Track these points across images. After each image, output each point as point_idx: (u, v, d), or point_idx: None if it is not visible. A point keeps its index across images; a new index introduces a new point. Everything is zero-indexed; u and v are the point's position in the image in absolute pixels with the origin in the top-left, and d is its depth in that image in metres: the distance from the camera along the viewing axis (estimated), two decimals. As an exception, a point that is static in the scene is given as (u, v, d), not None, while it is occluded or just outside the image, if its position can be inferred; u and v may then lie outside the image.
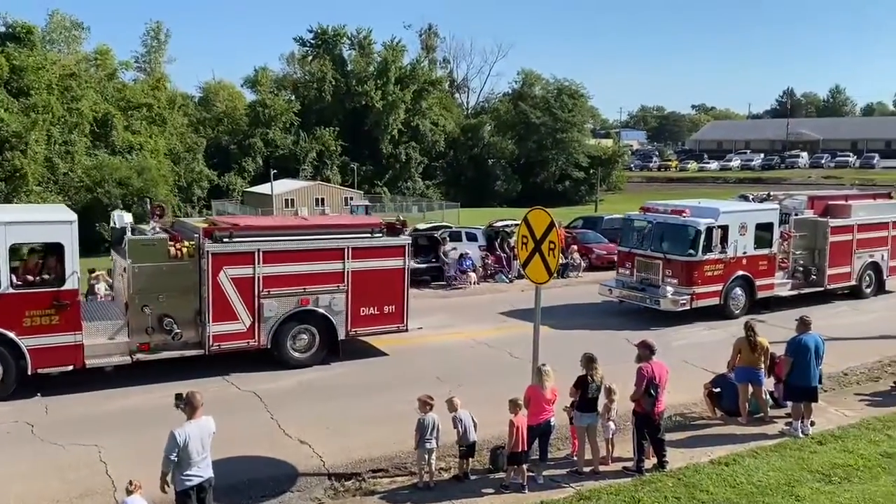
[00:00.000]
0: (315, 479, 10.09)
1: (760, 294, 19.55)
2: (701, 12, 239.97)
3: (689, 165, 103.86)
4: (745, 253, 18.98)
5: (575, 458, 10.21)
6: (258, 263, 13.92)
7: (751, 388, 11.82)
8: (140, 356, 13.27)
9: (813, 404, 11.43)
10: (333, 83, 76.30)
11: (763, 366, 11.81)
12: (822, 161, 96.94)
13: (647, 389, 9.72)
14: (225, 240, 13.76)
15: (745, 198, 22.41)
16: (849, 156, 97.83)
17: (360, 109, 75.59)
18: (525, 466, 9.50)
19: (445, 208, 59.24)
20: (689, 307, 18.27)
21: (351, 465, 10.43)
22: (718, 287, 18.69)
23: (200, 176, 64.76)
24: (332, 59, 79.10)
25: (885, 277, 22.21)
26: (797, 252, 20.63)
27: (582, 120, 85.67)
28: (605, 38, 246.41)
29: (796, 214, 20.69)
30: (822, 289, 20.79)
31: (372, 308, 15.11)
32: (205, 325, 13.66)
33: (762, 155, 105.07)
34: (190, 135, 66.09)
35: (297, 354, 14.63)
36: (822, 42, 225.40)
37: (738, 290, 19.12)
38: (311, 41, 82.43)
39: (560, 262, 20.24)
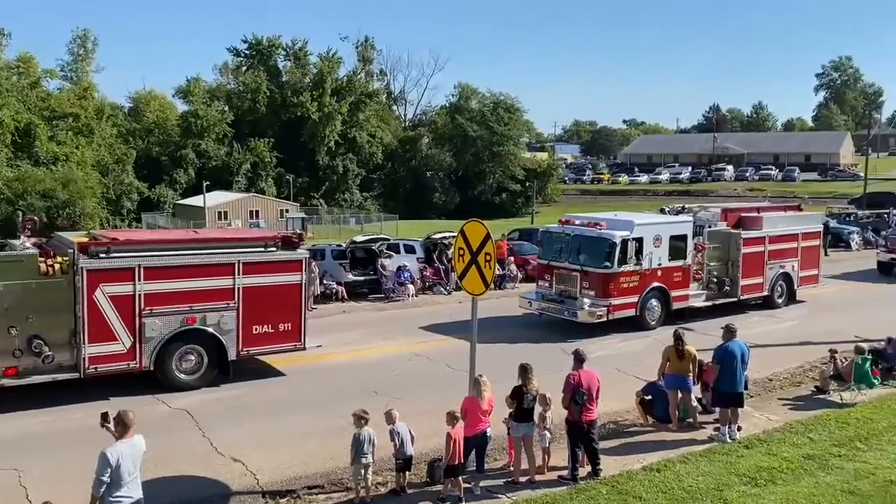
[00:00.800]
0: (249, 497, 9.88)
1: (676, 305, 19.71)
2: (631, 31, 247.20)
3: (620, 178, 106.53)
4: (660, 265, 19.14)
5: (511, 469, 10.28)
6: (139, 280, 13.11)
7: (680, 395, 12.15)
8: (5, 381, 12.33)
9: (739, 409, 11.81)
10: (268, 94, 75.45)
11: (691, 373, 12.15)
12: (747, 174, 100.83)
13: (574, 397, 9.89)
14: (102, 255, 12.92)
15: (663, 210, 22.91)
16: (771, 169, 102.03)
17: (296, 121, 74.93)
18: (462, 479, 9.52)
19: (384, 220, 59.17)
20: (605, 319, 18.37)
21: (286, 482, 10.25)
22: (634, 299, 18.80)
23: (130, 188, 63.01)
24: (266, 69, 78.29)
25: (795, 287, 22.62)
26: (711, 263, 20.80)
27: (518, 133, 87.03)
28: (539, 54, 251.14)
29: (710, 226, 20.93)
30: (735, 299, 21.07)
31: (265, 326, 14.40)
32: (80, 346, 12.79)
33: (690, 168, 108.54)
34: (119, 146, 64.23)
35: (183, 376, 13.84)
36: (746, 60, 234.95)
37: (654, 302, 19.25)
38: (246, 52, 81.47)
39: (497, 273, 20.53)
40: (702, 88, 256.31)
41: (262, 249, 14.50)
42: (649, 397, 12.35)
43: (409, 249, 26.25)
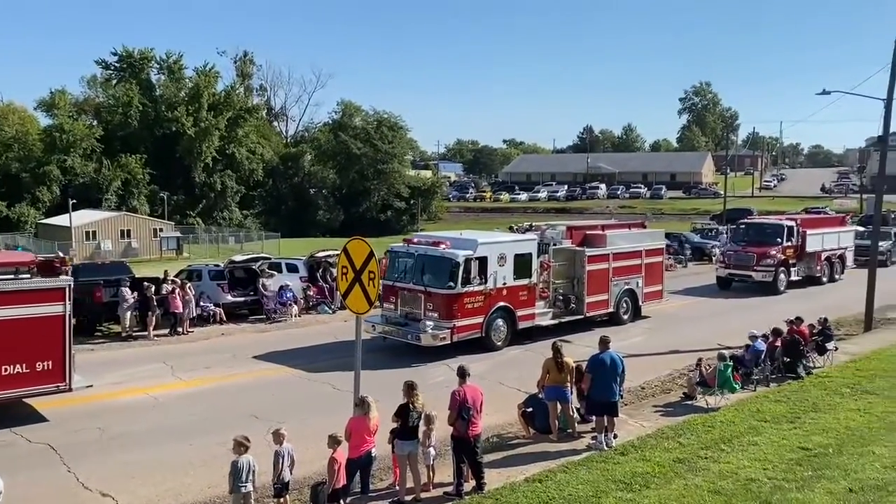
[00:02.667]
0: (119, 534, 9.30)
1: (522, 324, 19.35)
2: (509, 54, 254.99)
3: (502, 196, 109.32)
4: (505, 284, 18.76)
5: (397, 488, 10.23)
6: None
7: (560, 406, 12.52)
8: None
9: (615, 418, 12.31)
10: (140, 108, 72.23)
11: (570, 384, 12.56)
12: (618, 192, 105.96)
13: (460, 413, 10.01)
14: None
15: (512, 228, 22.91)
16: (640, 187, 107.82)
17: (171, 136, 72.07)
18: (347, 501, 9.37)
19: (265, 239, 57.67)
20: (449, 341, 17.72)
21: (160, 515, 9.74)
22: (479, 319, 18.30)
23: (-16, 207, 58.33)
24: (138, 83, 74.90)
25: (640, 303, 22.75)
26: (557, 281, 20.63)
27: (402, 151, 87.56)
28: (421, 74, 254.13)
29: (555, 244, 20.62)
30: (581, 316, 20.97)
31: (17, 366, 12.41)
32: None
33: (566, 186, 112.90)
34: (-27, 161, 59.42)
35: None
36: (617, 84, 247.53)
37: (500, 322, 18.81)
38: (116, 64, 77.72)
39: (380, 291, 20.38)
40: (576, 110, 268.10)
41: (12, 276, 12.71)
42: (530, 409, 12.65)
43: (292, 268, 25.76)
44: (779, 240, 29.11)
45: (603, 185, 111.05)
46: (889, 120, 22.06)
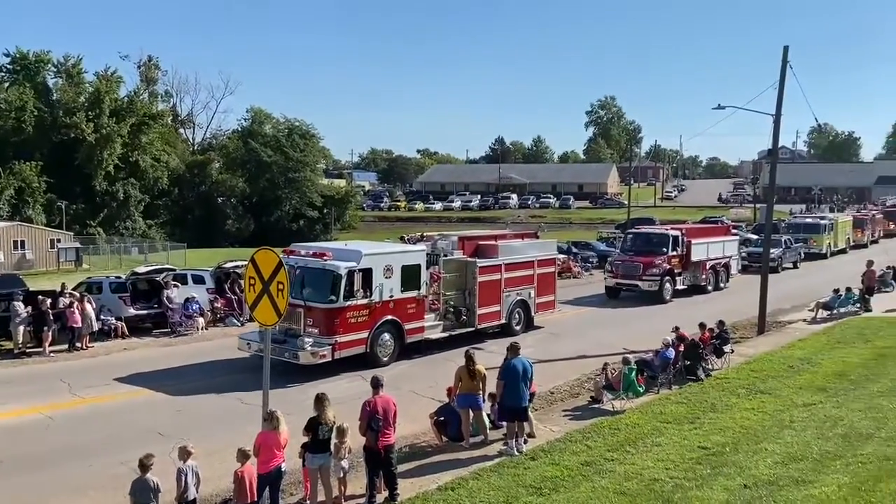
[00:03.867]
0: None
1: (410, 338, 18.71)
2: (419, 64, 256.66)
3: (416, 206, 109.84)
4: (391, 296, 18.06)
5: (308, 502, 10.07)
6: None
7: (472, 413, 12.65)
8: None
9: (525, 423, 12.53)
10: (36, 113, 68.56)
11: (482, 391, 12.71)
12: (529, 202, 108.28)
13: (370, 424, 9.97)
14: None
15: (403, 238, 22.97)
16: (550, 197, 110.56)
17: (69, 143, 68.68)
18: (256, 517, 9.15)
19: (170, 249, 55.70)
20: (330, 358, 16.82)
21: (55, 542, 9.24)
22: (364, 334, 17.47)
23: None
24: (33, 86, 71.10)
25: (533, 314, 22.49)
26: (448, 293, 20.12)
27: (314, 160, 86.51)
28: (333, 82, 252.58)
29: (446, 255, 20.25)
30: (473, 329, 20.45)
31: None
32: None
33: (479, 196, 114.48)
34: None
35: None
36: (527, 97, 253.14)
37: (387, 336, 18.09)
38: (8, 66, 73.63)
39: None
40: (489, 121, 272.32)
41: None
42: (443, 418, 12.72)
43: (198, 280, 24.98)
44: (664, 249, 29.16)
45: (515, 196, 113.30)
46: (778, 134, 23.45)
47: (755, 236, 44.94)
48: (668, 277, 28.85)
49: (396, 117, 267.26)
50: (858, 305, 25.75)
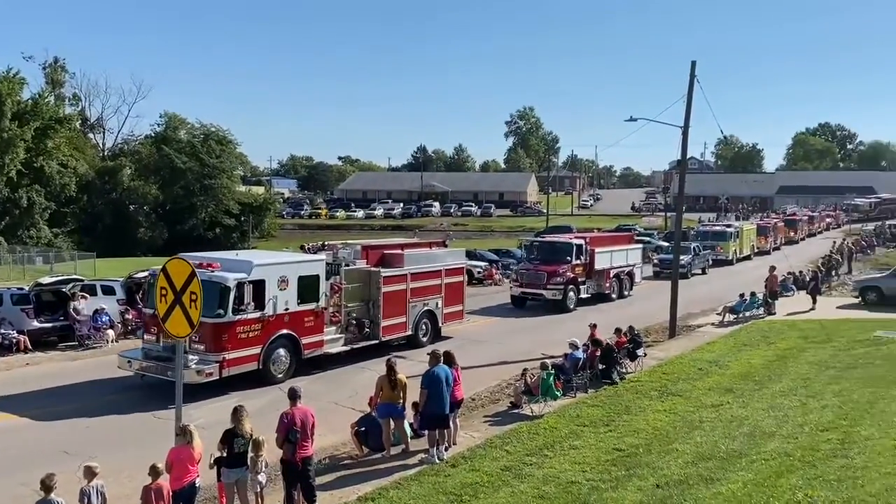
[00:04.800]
0: None
1: (308, 353, 17.85)
2: (341, 72, 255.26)
3: (338, 213, 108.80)
4: (287, 309, 17.12)
5: (224, 518, 9.82)
6: None
7: (393, 423, 12.62)
8: None
9: (447, 430, 12.59)
10: (-72, 114, 64.36)
11: (402, 400, 12.70)
12: (451, 210, 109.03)
13: (287, 436, 9.82)
14: None
15: (303, 248, 22.18)
16: (472, 206, 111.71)
17: (-34, 147, 64.79)
18: (169, 536, 8.86)
19: (78, 259, 53.25)
20: (218, 376, 15.79)
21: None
22: (256, 350, 16.50)
23: None
24: (-75, 86, 66.80)
25: (440, 325, 22.02)
26: (350, 305, 19.39)
27: (231, 166, 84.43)
28: (251, 87, 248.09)
29: (347, 265, 19.52)
30: (377, 341, 19.80)
31: None
32: None
33: (402, 204, 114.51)
34: None
35: None
36: (448, 105, 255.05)
37: (282, 352, 17.16)
38: None
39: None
40: (411, 129, 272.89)
41: None
42: (363, 428, 12.65)
43: (108, 290, 24.00)
44: (568, 258, 28.99)
45: (437, 204, 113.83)
46: (686, 145, 24.48)
47: (666, 243, 46.65)
48: (571, 286, 28.74)
49: (317, 124, 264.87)
50: (763, 309, 27.09)
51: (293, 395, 10.23)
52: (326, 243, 21.29)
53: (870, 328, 23.09)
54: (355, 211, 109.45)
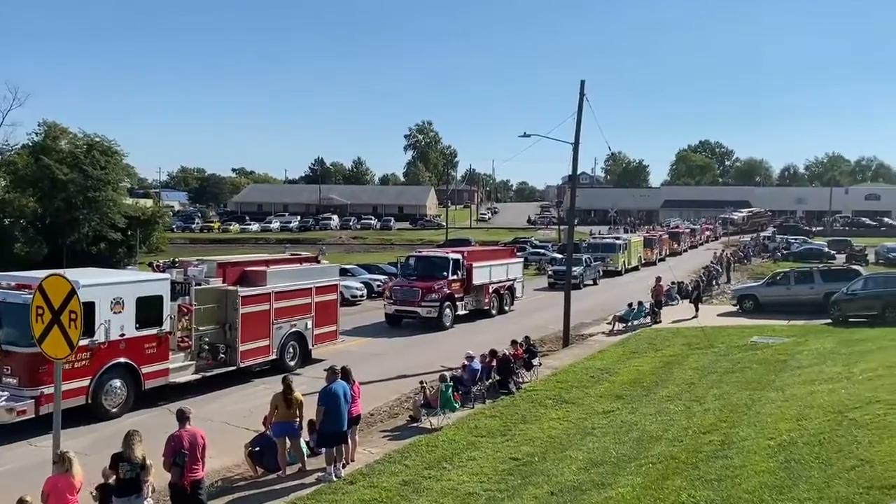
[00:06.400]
0: None
1: (150, 383, 16.15)
2: (235, 82, 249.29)
3: (231, 227, 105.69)
4: (123, 335, 15.44)
5: (107, 549, 9.30)
6: None
7: (289, 442, 12.36)
8: None
9: (344, 447, 12.44)
10: None
11: (299, 418, 12.46)
12: (351, 223, 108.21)
13: (175, 459, 9.44)
14: None
15: (151, 265, 20.39)
16: (371, 219, 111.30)
17: None
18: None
19: (-56, 277, 49.36)
20: (34, 414, 13.99)
21: None
22: (84, 382, 14.72)
23: None
24: None
25: (310, 347, 20.69)
26: (203, 328, 17.78)
27: (117, 178, 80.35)
28: (137, 97, 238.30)
29: (199, 284, 17.93)
30: (235, 367, 18.30)
31: None
32: None
33: (299, 217, 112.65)
34: None
35: None
36: (347, 118, 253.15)
37: (117, 383, 15.44)
38: None
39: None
40: (307, 141, 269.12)
41: None
42: (258, 448, 12.33)
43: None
44: (444, 273, 27.90)
45: (336, 217, 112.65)
46: (577, 161, 25.38)
47: (560, 255, 48.08)
48: (448, 303, 27.67)
49: (209, 135, 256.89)
50: (649, 318, 28.32)
51: (182, 417, 9.84)
52: (178, 260, 19.45)
53: (747, 334, 24.52)
54: (250, 224, 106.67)
